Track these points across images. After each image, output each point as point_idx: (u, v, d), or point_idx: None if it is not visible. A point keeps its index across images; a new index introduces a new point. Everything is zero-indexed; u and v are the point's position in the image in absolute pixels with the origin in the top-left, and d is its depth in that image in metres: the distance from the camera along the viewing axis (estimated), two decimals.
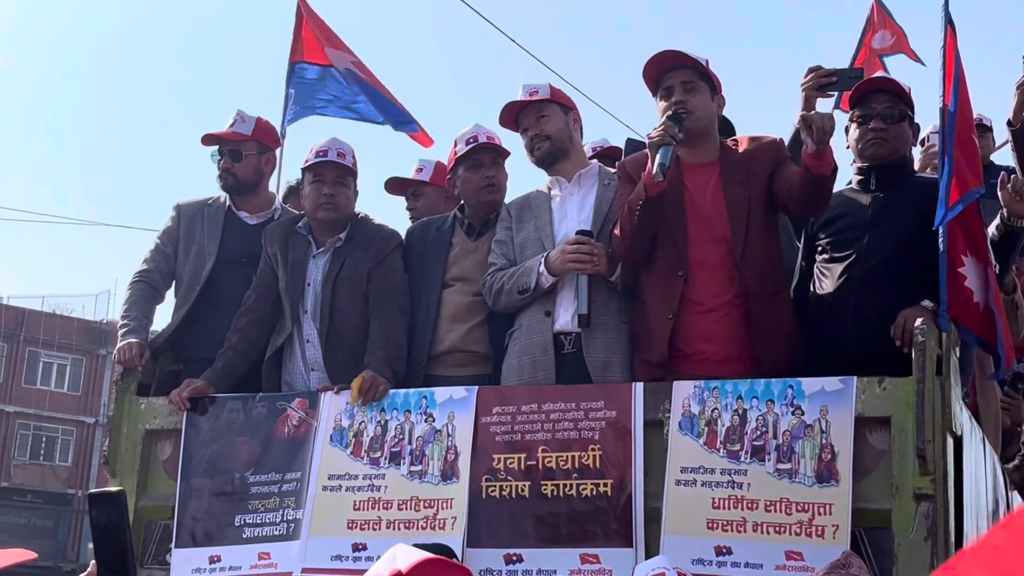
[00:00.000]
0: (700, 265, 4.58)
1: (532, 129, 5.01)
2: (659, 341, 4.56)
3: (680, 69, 4.71)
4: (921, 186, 4.70)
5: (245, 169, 5.56)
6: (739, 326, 4.54)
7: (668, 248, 4.63)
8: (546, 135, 4.99)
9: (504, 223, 5.07)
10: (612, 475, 4.38)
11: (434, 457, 4.63)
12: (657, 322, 4.58)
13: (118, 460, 5.10)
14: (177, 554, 4.88)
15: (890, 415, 4.12)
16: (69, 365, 43.57)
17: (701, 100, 4.70)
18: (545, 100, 5.03)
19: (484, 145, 5.21)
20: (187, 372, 5.27)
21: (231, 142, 5.56)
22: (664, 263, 4.63)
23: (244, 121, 5.60)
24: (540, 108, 5.02)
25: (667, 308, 4.56)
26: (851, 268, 4.61)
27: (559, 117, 5.04)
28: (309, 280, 5.21)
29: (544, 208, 4.99)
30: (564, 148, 5.03)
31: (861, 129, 4.77)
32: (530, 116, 5.03)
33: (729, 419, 4.28)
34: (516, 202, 5.13)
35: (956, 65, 4.38)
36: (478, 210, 5.23)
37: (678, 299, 4.56)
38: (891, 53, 9.37)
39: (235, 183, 5.55)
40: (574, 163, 5.04)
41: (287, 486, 4.81)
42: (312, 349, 5.14)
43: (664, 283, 4.61)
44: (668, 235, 4.63)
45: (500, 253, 5.01)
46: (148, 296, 5.52)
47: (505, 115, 5.10)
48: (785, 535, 4.10)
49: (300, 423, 4.87)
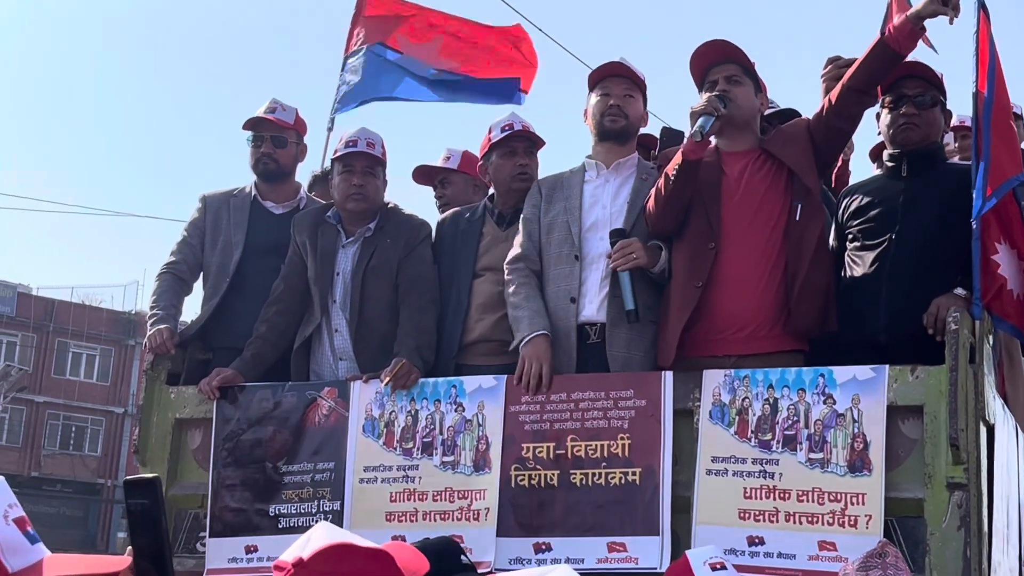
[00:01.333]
0: (731, 240, 4.55)
1: (616, 99, 4.94)
2: (684, 309, 4.50)
3: (728, 64, 4.69)
4: (953, 172, 4.66)
5: (286, 157, 5.62)
6: (767, 302, 4.49)
7: (701, 223, 4.60)
8: (626, 114, 4.95)
9: (532, 200, 5.01)
10: (641, 464, 4.37)
11: (466, 447, 4.63)
12: (685, 292, 4.54)
13: (148, 449, 5.13)
14: (212, 543, 4.90)
15: (923, 404, 4.09)
16: (98, 355, 43.86)
17: (745, 92, 4.68)
18: (639, 81, 4.99)
19: (519, 133, 5.20)
20: (216, 361, 5.29)
21: (277, 128, 5.59)
22: (695, 235, 4.60)
23: (284, 110, 5.64)
24: (631, 86, 4.97)
25: (697, 277, 4.53)
26: (883, 256, 4.58)
27: (640, 105, 5.02)
28: (338, 270, 5.21)
29: (576, 191, 4.93)
30: (632, 133, 5.02)
31: (893, 114, 4.73)
32: (620, 85, 4.97)
33: (760, 408, 4.26)
34: (548, 180, 5.07)
35: (990, 50, 4.34)
36: (509, 198, 5.21)
37: (708, 269, 4.53)
38: None
39: (276, 169, 5.59)
40: (625, 150, 5.00)
41: (320, 476, 4.81)
42: (341, 339, 5.14)
43: (695, 254, 4.58)
44: (702, 211, 4.61)
45: (526, 232, 4.96)
46: (176, 287, 5.56)
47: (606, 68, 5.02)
48: (818, 525, 4.09)
49: (330, 412, 4.88)
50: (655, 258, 4.67)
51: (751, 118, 4.74)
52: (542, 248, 4.91)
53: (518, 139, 5.20)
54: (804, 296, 4.46)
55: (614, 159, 4.94)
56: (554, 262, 4.85)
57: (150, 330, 5.34)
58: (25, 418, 42.01)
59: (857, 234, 4.71)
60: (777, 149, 4.64)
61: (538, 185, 5.06)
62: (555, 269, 4.84)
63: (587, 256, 4.79)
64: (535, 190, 5.05)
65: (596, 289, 4.75)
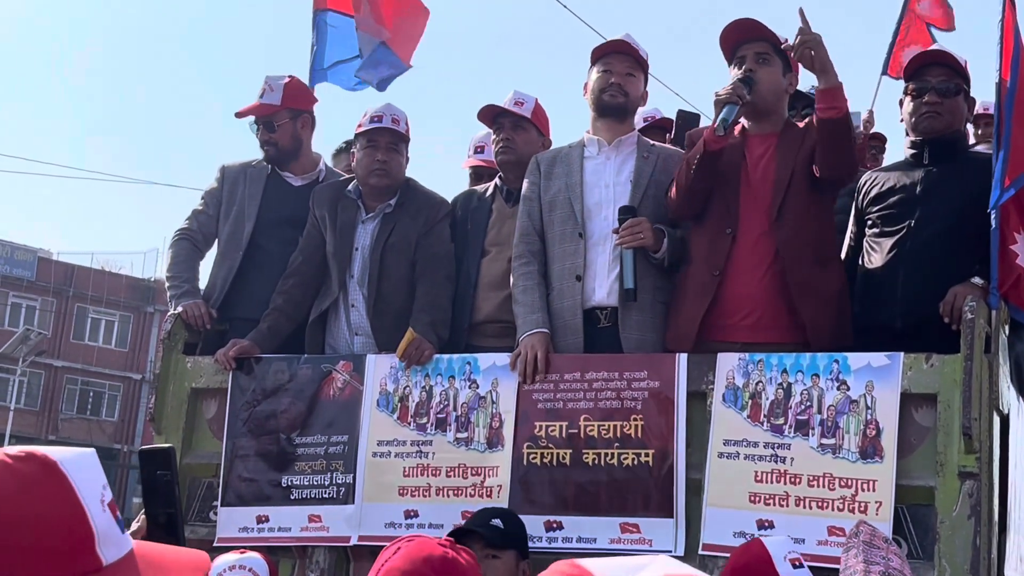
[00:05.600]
0: (747, 227, 4.55)
1: (618, 77, 4.92)
2: (703, 298, 4.51)
3: (757, 41, 4.67)
4: (975, 161, 4.64)
5: (282, 138, 5.58)
6: (776, 292, 4.49)
7: (720, 208, 4.60)
8: (626, 92, 4.92)
9: (531, 177, 4.99)
10: (654, 445, 4.37)
11: (479, 424, 4.64)
12: (703, 279, 4.54)
13: (164, 417, 5.16)
14: (224, 512, 4.93)
15: (937, 392, 4.09)
16: (117, 321, 44.03)
17: (771, 74, 4.66)
18: (642, 61, 4.97)
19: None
20: (233, 332, 5.31)
21: (264, 113, 5.56)
22: (714, 221, 4.60)
23: (273, 90, 5.57)
24: (633, 65, 4.95)
25: (714, 266, 4.54)
26: (901, 243, 4.57)
27: (640, 84, 5.00)
28: (357, 245, 5.21)
29: (576, 167, 4.90)
30: (630, 111, 5.01)
31: (915, 102, 4.71)
32: (622, 63, 4.93)
33: (773, 392, 4.26)
34: (547, 155, 5.04)
35: (1016, 39, 4.31)
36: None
37: (725, 257, 4.53)
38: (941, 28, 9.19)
39: (276, 153, 5.59)
40: (624, 128, 4.98)
41: (333, 448, 4.84)
42: (357, 314, 5.16)
43: (712, 241, 4.58)
44: (721, 196, 4.61)
45: (526, 211, 4.94)
46: (193, 254, 5.60)
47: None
48: (828, 510, 4.09)
49: (345, 386, 4.90)
50: (659, 242, 4.67)
51: (777, 100, 4.72)
52: (545, 226, 4.89)
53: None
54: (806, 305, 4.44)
55: (615, 136, 4.92)
56: (558, 240, 4.83)
57: (182, 301, 5.36)
58: (43, 382, 42.26)
59: (876, 220, 4.70)
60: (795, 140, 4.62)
61: (536, 161, 5.02)
62: (559, 247, 4.82)
63: (592, 236, 4.77)
64: (533, 166, 5.01)
65: (605, 272, 4.73)
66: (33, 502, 1.55)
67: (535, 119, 5.23)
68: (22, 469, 1.57)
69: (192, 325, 5.29)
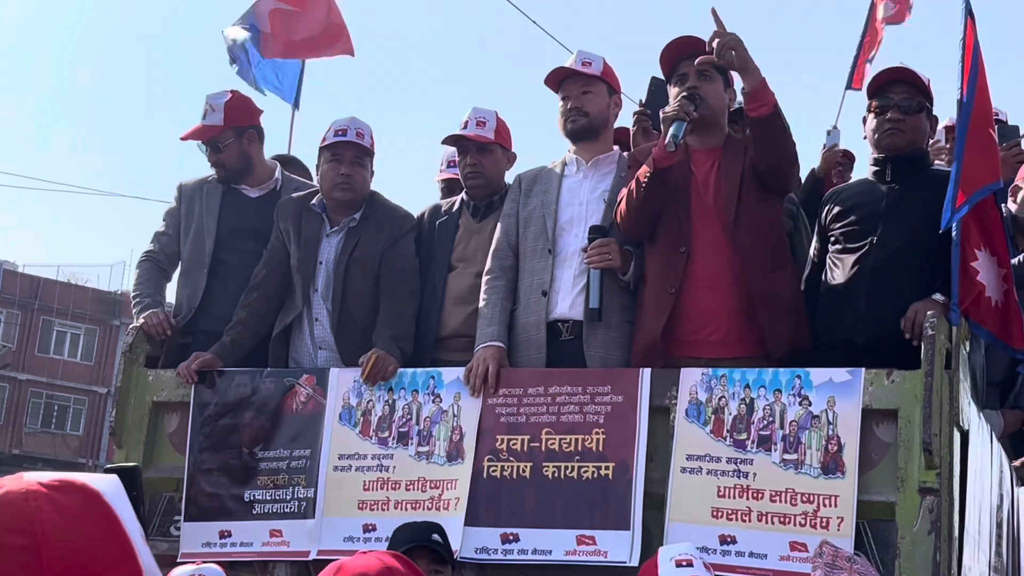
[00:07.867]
0: (701, 243, 4.57)
1: (573, 100, 4.92)
2: (660, 314, 4.53)
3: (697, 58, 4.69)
4: (937, 178, 4.67)
5: (230, 158, 5.55)
6: (739, 305, 4.52)
7: (672, 226, 4.62)
8: (585, 112, 4.92)
9: (513, 195, 5.02)
10: (614, 458, 4.38)
11: (440, 438, 4.63)
12: (659, 297, 4.56)
13: (125, 431, 5.12)
14: (187, 527, 4.90)
15: (897, 408, 4.11)
16: (83, 335, 43.72)
17: (715, 89, 4.69)
18: (595, 76, 4.95)
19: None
20: (196, 346, 5.28)
21: (207, 136, 5.53)
22: (667, 240, 4.62)
23: (214, 110, 5.54)
24: (588, 82, 4.94)
25: (670, 284, 4.55)
26: (863, 259, 4.59)
27: (603, 97, 4.97)
28: (321, 259, 5.20)
29: (553, 185, 4.93)
30: (598, 129, 4.97)
31: (878, 119, 4.74)
32: (576, 86, 4.93)
33: (736, 408, 4.28)
34: (529, 174, 5.07)
35: (975, 57, 4.35)
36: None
37: (680, 275, 4.55)
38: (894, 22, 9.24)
39: (227, 173, 5.58)
40: (600, 146, 4.98)
41: (296, 463, 4.82)
42: (321, 328, 5.14)
43: (667, 259, 4.60)
44: (672, 214, 4.63)
45: (503, 229, 4.96)
46: (157, 274, 5.62)
47: (552, 77, 4.98)
48: (790, 526, 4.10)
49: (308, 400, 4.88)
50: (627, 264, 4.67)
51: (720, 114, 4.75)
52: (519, 242, 4.92)
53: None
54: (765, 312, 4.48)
55: (592, 155, 4.94)
56: (529, 256, 4.86)
57: (143, 313, 5.35)
58: (8, 395, 41.89)
59: (839, 237, 4.73)
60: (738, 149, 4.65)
61: (519, 179, 5.07)
62: (529, 263, 4.85)
63: (560, 252, 4.80)
64: (515, 184, 5.05)
65: (569, 286, 4.74)
66: (82, 540, 1.44)
67: (499, 139, 5.22)
68: (65, 501, 1.46)
69: (152, 335, 5.26)
